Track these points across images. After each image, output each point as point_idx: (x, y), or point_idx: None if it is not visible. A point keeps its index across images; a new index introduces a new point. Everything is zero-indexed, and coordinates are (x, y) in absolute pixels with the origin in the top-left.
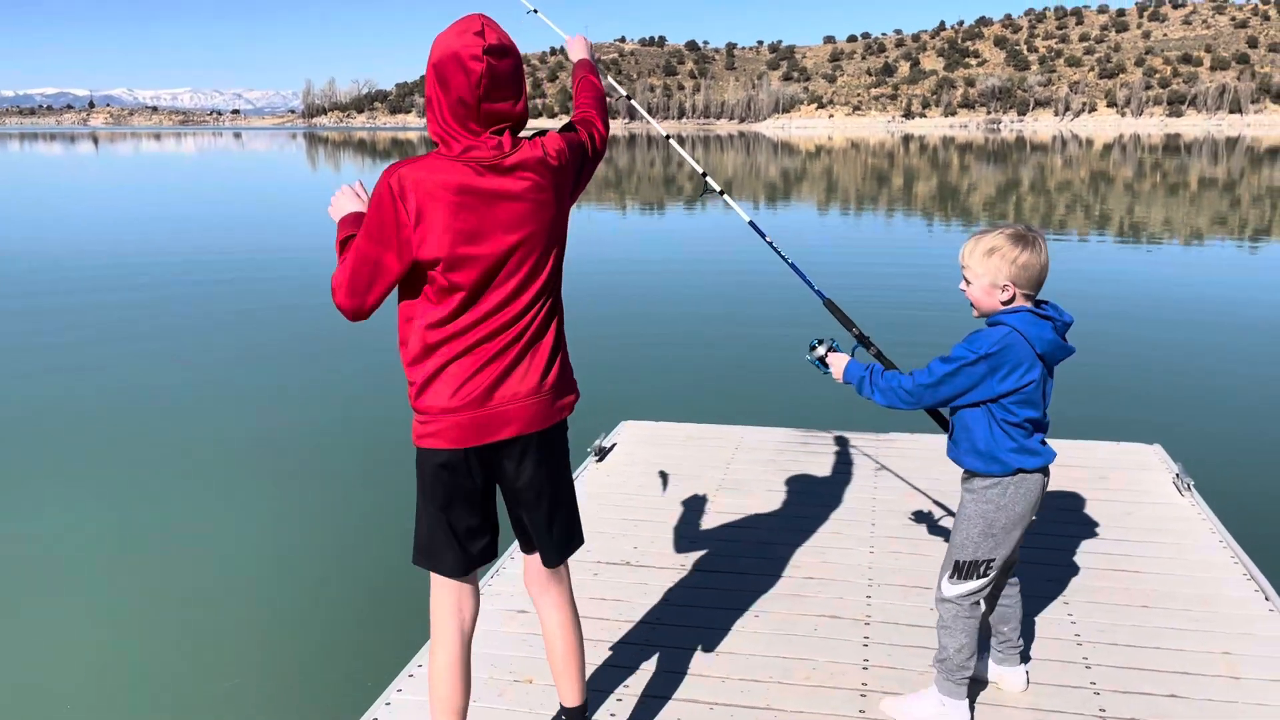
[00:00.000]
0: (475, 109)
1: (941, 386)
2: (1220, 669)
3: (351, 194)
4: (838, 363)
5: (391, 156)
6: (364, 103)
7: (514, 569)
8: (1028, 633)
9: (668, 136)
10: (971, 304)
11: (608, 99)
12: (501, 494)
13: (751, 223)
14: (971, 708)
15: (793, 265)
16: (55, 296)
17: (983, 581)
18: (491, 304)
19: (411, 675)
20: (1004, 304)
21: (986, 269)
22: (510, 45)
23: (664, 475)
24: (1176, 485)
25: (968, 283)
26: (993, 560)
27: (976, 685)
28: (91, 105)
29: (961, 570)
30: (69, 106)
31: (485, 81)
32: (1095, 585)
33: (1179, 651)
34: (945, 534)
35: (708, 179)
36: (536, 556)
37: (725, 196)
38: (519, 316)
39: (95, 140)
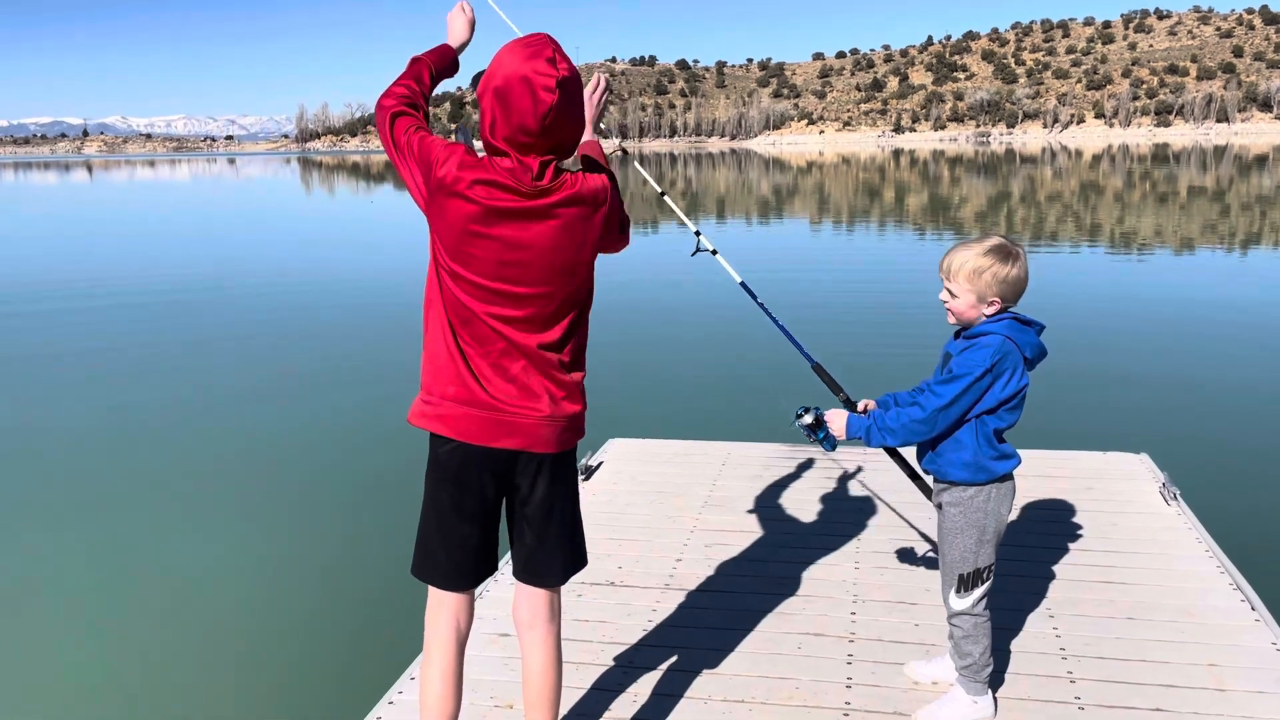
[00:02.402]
0: (535, 136)
1: (954, 406)
2: (1206, 681)
3: (458, 10)
4: (837, 420)
5: (385, 179)
6: (357, 126)
7: (498, 592)
8: (1012, 645)
9: (662, 194)
10: (949, 313)
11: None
12: (507, 513)
13: (743, 284)
14: None
15: (782, 328)
16: (39, 324)
17: (987, 585)
18: (504, 318)
19: (392, 702)
20: (988, 316)
21: (975, 287)
22: (576, 76)
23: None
24: (1163, 495)
25: (951, 295)
26: (991, 564)
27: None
28: (85, 133)
29: (966, 582)
30: (63, 135)
31: (554, 115)
32: (1080, 597)
33: (1165, 664)
34: (931, 548)
35: (700, 236)
36: (527, 588)
37: (718, 256)
38: (534, 341)
39: (89, 168)
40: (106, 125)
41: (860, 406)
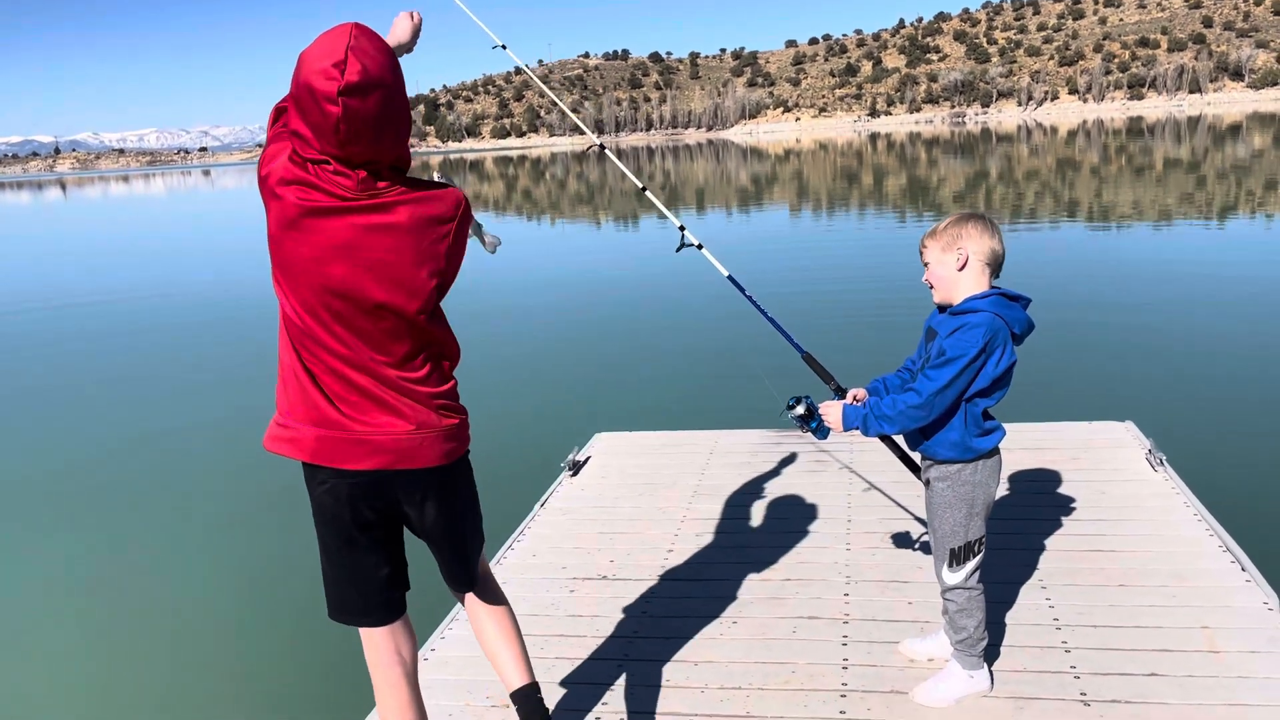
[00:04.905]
0: (340, 150)
1: (950, 389)
2: (1200, 644)
3: (406, 15)
4: (832, 412)
5: None
6: None
7: None
8: (1006, 618)
9: (643, 189)
10: (931, 288)
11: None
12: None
13: (730, 277)
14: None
15: (772, 320)
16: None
17: (979, 558)
18: (339, 336)
19: None
20: (959, 270)
21: (939, 241)
22: (378, 76)
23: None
24: (1149, 461)
25: (926, 266)
26: (982, 537)
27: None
28: (57, 151)
29: (958, 556)
30: (34, 154)
31: (344, 128)
32: (1072, 567)
33: (1158, 629)
34: (922, 526)
35: (684, 231)
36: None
37: (704, 250)
38: (380, 358)
39: (63, 186)
40: (78, 142)
41: (850, 395)
